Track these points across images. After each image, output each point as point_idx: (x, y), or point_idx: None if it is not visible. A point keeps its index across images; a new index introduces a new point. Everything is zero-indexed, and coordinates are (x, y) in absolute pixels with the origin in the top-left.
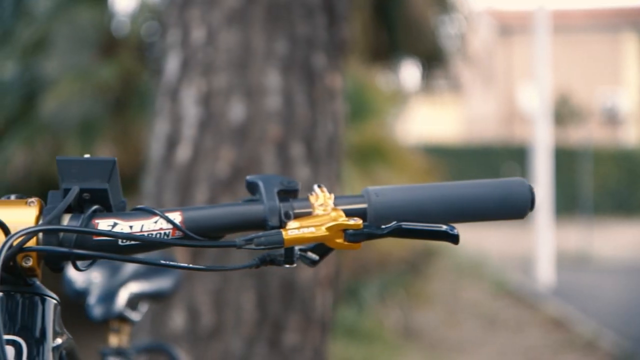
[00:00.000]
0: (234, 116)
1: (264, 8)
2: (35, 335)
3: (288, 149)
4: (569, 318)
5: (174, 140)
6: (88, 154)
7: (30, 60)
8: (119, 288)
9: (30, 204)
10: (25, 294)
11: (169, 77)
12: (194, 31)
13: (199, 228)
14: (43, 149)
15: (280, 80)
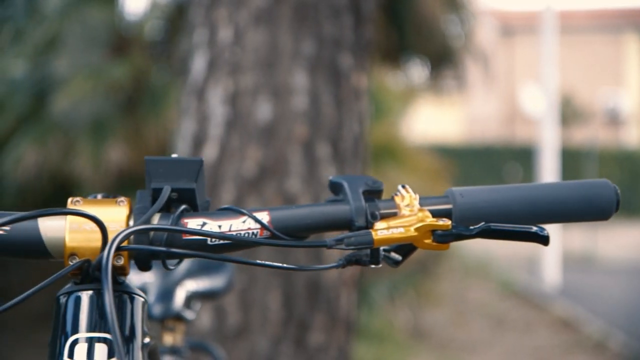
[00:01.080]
0: (261, 116)
1: (291, 8)
2: (125, 333)
3: (314, 149)
4: (576, 318)
5: (201, 139)
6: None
7: (41, 59)
8: (176, 287)
9: (120, 203)
10: (114, 292)
11: (195, 76)
12: (221, 31)
13: (286, 228)
14: (54, 147)
15: (307, 80)
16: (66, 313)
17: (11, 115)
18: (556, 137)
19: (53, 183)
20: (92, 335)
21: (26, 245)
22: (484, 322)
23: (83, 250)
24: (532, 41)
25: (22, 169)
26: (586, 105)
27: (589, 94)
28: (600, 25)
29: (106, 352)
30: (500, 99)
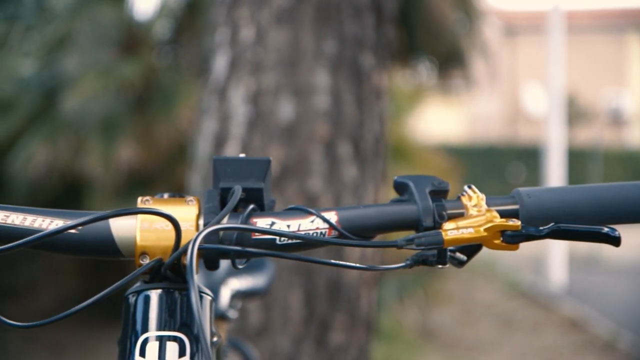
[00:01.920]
0: (283, 115)
1: (314, 7)
2: (194, 332)
3: (336, 148)
4: (584, 319)
5: (222, 138)
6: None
7: (51, 57)
8: (220, 286)
9: (189, 202)
10: (183, 290)
11: (216, 75)
12: (243, 30)
13: (353, 228)
14: (65, 146)
15: (329, 79)
16: (136, 312)
17: (21, 113)
18: (562, 137)
19: (63, 182)
20: (163, 334)
21: (98, 244)
22: (492, 322)
23: (154, 249)
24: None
25: (32, 167)
26: (589, 106)
27: (591, 94)
28: (602, 26)
29: (177, 350)
30: (503, 98)
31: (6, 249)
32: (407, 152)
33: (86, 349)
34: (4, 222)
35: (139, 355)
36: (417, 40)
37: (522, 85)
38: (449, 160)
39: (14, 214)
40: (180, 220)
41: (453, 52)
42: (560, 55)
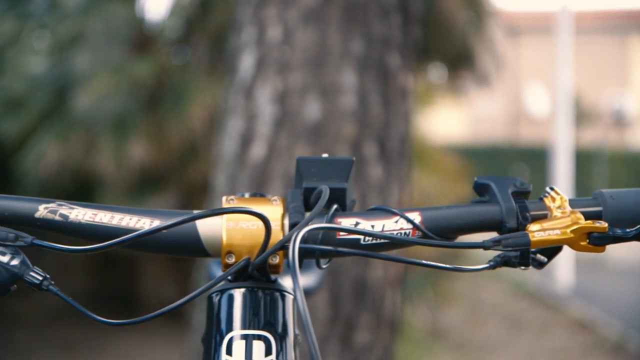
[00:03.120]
0: (309, 115)
1: (341, 7)
2: (279, 331)
3: (362, 148)
4: (593, 320)
5: (248, 137)
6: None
7: (62, 55)
8: None
9: (274, 202)
10: (266, 290)
11: (243, 75)
12: (269, 29)
13: (437, 228)
14: (76, 144)
15: (356, 79)
16: (220, 310)
17: (33, 111)
18: (570, 138)
19: (75, 179)
20: (250, 333)
21: (185, 244)
22: (500, 322)
23: (240, 248)
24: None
25: (44, 165)
26: (592, 107)
27: (594, 95)
28: (606, 27)
29: (263, 349)
30: (505, 99)
31: (103, 247)
32: (419, 152)
33: (95, 347)
34: (92, 220)
35: (225, 354)
36: (427, 41)
37: (524, 86)
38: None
39: (101, 212)
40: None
41: (463, 52)
42: (568, 56)
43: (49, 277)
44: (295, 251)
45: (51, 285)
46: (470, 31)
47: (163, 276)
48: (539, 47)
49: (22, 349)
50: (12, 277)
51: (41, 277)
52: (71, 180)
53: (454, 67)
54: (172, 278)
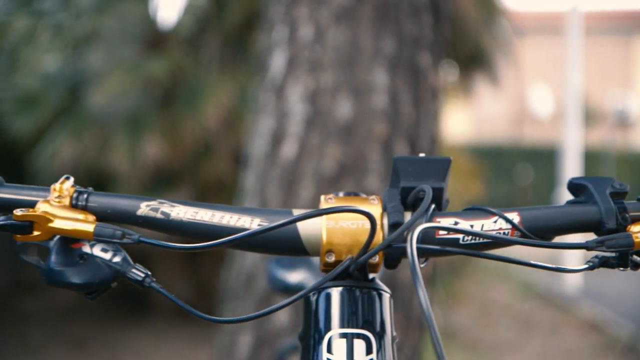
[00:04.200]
0: (341, 114)
1: (373, 7)
2: (377, 330)
3: (393, 147)
4: (603, 320)
5: (279, 136)
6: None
7: (76, 53)
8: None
9: (372, 201)
10: (364, 288)
11: (274, 73)
12: (301, 29)
13: (535, 229)
14: (90, 142)
15: (387, 78)
16: (318, 309)
17: (47, 108)
18: (579, 139)
19: (89, 177)
20: (351, 331)
21: (285, 243)
22: (511, 323)
23: (340, 247)
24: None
25: (58, 162)
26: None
27: (598, 96)
28: (609, 27)
29: (364, 348)
30: (509, 99)
31: (211, 245)
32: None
33: (107, 345)
34: (193, 218)
35: (326, 352)
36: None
37: (528, 86)
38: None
39: (202, 210)
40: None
41: (476, 51)
42: (577, 57)
43: (150, 274)
44: (414, 250)
45: (153, 283)
46: (483, 31)
47: (176, 274)
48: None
49: (34, 346)
50: (114, 274)
51: (143, 274)
52: (85, 178)
53: (466, 67)
54: (185, 276)
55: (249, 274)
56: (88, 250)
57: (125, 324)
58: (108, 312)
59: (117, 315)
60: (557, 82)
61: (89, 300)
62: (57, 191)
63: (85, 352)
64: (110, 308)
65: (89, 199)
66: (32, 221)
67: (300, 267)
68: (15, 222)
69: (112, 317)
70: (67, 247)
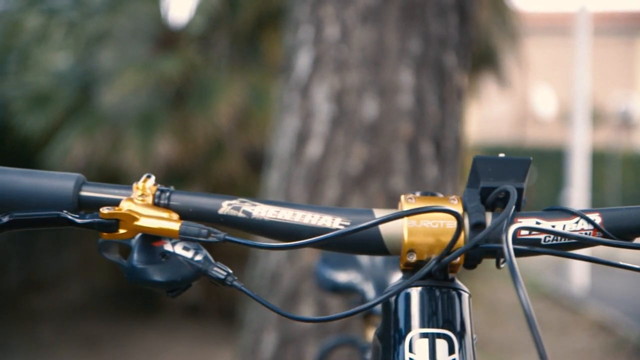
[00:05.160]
0: (367, 113)
1: (399, 7)
2: (458, 330)
3: (418, 147)
4: (612, 321)
5: (304, 136)
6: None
7: (87, 51)
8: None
9: (452, 201)
10: (443, 288)
11: (299, 73)
12: (327, 28)
13: (617, 229)
14: (102, 140)
15: (413, 78)
16: (398, 309)
17: (59, 107)
18: (587, 140)
19: (101, 175)
20: (433, 331)
21: (366, 242)
22: (520, 323)
23: (421, 247)
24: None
25: (70, 161)
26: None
27: (601, 97)
28: (612, 28)
29: (446, 348)
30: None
31: (297, 245)
32: None
33: (117, 343)
34: (275, 217)
35: (408, 352)
36: None
37: (531, 87)
38: None
39: (283, 209)
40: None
41: (486, 52)
42: (585, 58)
43: (232, 272)
44: (511, 249)
45: (235, 281)
46: (493, 31)
47: None
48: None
49: (45, 344)
50: (196, 272)
51: (225, 273)
52: (97, 176)
53: (476, 67)
54: None
55: (273, 272)
56: (170, 249)
57: (135, 322)
58: (118, 310)
59: (127, 314)
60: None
61: (170, 297)
62: (140, 189)
63: (96, 350)
64: (120, 306)
65: (171, 197)
66: (117, 219)
67: (349, 267)
68: (102, 220)
69: (122, 315)
70: (149, 245)
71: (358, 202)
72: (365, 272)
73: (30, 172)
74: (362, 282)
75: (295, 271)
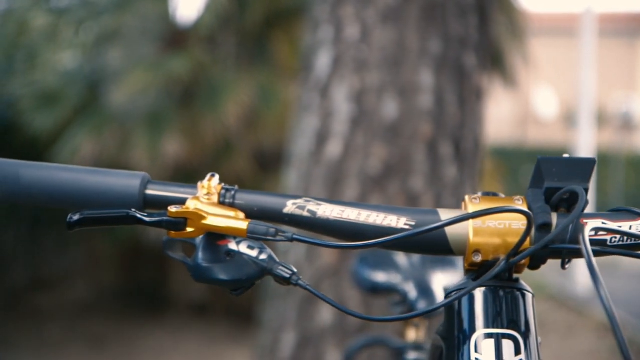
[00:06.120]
0: (386, 114)
1: (419, 7)
2: (523, 330)
3: (438, 148)
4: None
5: (324, 135)
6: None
7: (95, 50)
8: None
9: (517, 201)
10: (507, 288)
11: (319, 73)
12: (347, 28)
13: None
14: (111, 139)
15: (433, 79)
16: (462, 309)
17: (67, 106)
18: (592, 142)
19: None
20: (497, 332)
21: (431, 242)
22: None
23: (487, 247)
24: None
25: (78, 160)
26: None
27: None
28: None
29: (513, 348)
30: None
31: (366, 245)
32: None
33: (124, 341)
34: (340, 217)
35: (474, 352)
36: None
37: (532, 88)
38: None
39: (348, 208)
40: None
41: (495, 54)
42: (591, 59)
43: (296, 271)
44: (589, 249)
45: (300, 281)
46: (502, 32)
47: None
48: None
49: (51, 342)
50: (261, 271)
51: (290, 272)
52: None
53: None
54: None
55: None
56: (234, 247)
57: (142, 321)
58: (125, 309)
59: (134, 312)
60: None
61: (234, 296)
62: (206, 188)
63: (103, 348)
64: (127, 305)
65: (236, 196)
66: (185, 218)
67: (387, 267)
68: (171, 218)
69: (129, 314)
70: (214, 244)
71: (377, 202)
72: (404, 272)
73: (96, 170)
74: (402, 282)
75: (314, 271)
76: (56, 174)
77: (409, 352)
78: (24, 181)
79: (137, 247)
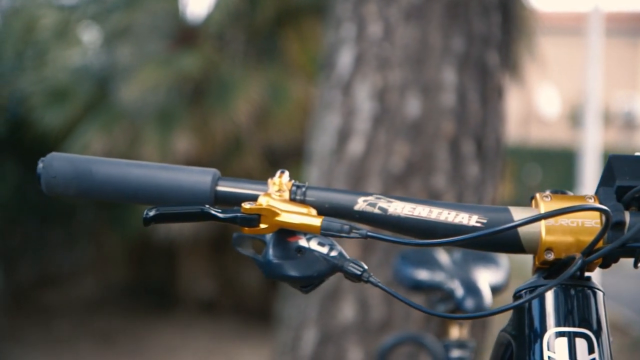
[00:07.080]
0: (409, 112)
1: (442, 5)
2: (595, 328)
3: (460, 146)
4: (625, 322)
5: (346, 133)
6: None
7: (105, 47)
8: (478, 281)
9: (589, 199)
10: (578, 287)
11: (341, 71)
12: (370, 26)
13: None
14: (121, 136)
15: (455, 77)
16: (532, 307)
17: (77, 102)
18: (598, 141)
19: None
20: (570, 330)
21: (503, 241)
22: None
23: (559, 245)
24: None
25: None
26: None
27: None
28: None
29: (586, 347)
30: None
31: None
32: None
33: (134, 338)
34: (411, 214)
35: (547, 350)
36: None
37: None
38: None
39: (419, 206)
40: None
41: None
42: (598, 58)
43: (367, 269)
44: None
45: (371, 278)
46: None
47: (201, 270)
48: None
49: (61, 339)
50: (331, 268)
51: (361, 269)
52: None
53: None
54: (210, 272)
55: None
56: (305, 244)
57: (151, 318)
58: (134, 306)
59: (143, 309)
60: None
61: (304, 293)
62: (277, 185)
63: (112, 345)
64: (135, 302)
65: (307, 192)
66: (259, 214)
67: (430, 264)
68: (244, 215)
69: (138, 311)
70: (284, 240)
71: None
72: (448, 269)
73: (168, 166)
74: (446, 280)
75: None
76: (128, 170)
77: (452, 350)
78: (97, 177)
79: (146, 244)
